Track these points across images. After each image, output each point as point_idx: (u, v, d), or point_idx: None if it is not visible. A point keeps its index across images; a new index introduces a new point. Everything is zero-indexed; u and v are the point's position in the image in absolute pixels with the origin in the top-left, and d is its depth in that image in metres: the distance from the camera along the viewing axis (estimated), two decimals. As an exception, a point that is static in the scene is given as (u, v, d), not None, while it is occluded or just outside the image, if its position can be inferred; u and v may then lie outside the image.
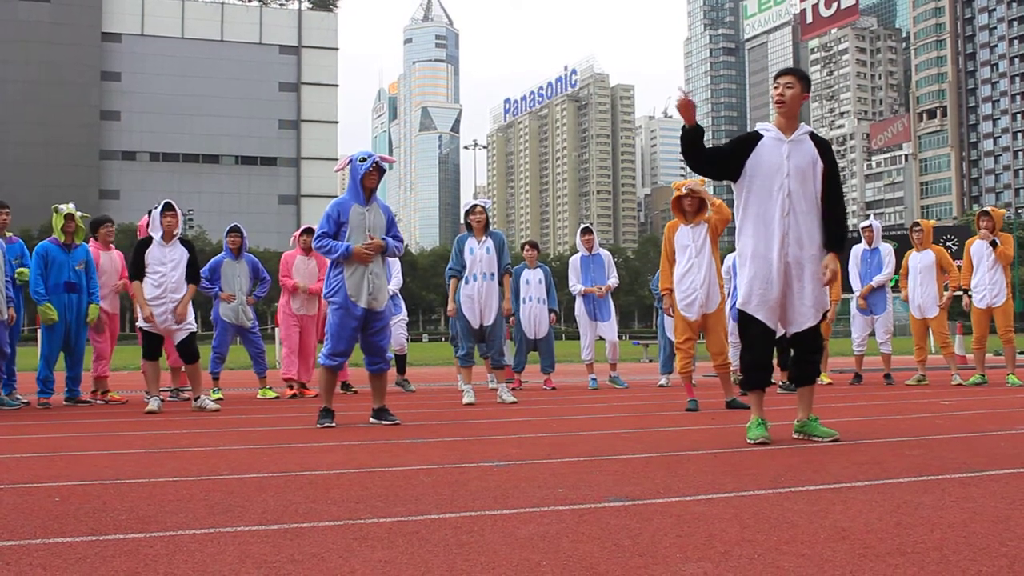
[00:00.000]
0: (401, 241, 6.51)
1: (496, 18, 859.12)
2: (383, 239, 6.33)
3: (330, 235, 6.26)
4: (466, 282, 8.14)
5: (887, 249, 10.46)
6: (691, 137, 4.84)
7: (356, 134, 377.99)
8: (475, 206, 8.27)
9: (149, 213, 7.86)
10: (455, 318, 8.25)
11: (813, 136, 4.98)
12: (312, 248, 9.63)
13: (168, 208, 7.74)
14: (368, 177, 6.27)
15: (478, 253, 8.14)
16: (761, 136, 4.94)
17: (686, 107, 4.79)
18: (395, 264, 10.01)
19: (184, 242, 7.84)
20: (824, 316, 4.98)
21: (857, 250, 10.59)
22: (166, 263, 7.66)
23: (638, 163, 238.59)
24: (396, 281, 9.92)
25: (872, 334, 10.62)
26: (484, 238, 8.20)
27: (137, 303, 7.68)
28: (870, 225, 10.55)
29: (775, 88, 4.97)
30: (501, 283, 8.27)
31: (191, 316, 7.83)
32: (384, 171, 6.37)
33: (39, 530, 2.90)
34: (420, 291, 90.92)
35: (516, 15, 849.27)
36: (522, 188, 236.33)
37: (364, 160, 6.26)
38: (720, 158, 4.99)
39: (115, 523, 3.00)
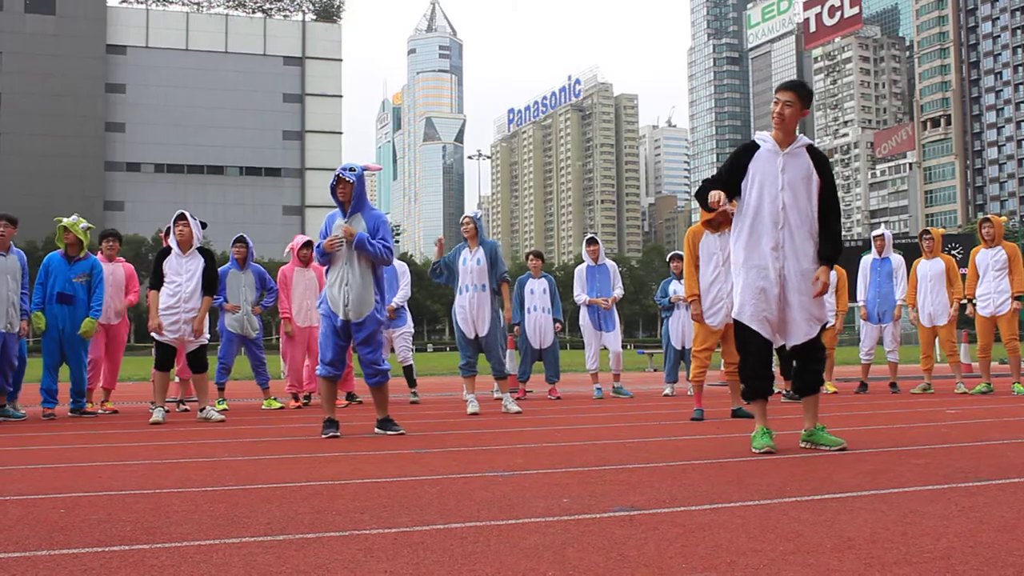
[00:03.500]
0: (388, 247, 6.29)
1: (500, 28, 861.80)
2: (359, 235, 6.15)
3: None
4: (459, 293, 8.23)
5: (898, 261, 10.47)
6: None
7: (360, 145, 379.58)
8: (463, 217, 8.43)
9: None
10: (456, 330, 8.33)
11: (811, 150, 4.96)
12: (311, 261, 9.76)
13: (180, 218, 7.75)
14: (337, 190, 6.26)
15: (469, 264, 8.19)
16: (758, 146, 4.96)
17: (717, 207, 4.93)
18: (404, 275, 9.96)
19: (203, 251, 7.84)
20: (823, 327, 4.97)
21: (867, 260, 10.58)
22: (182, 273, 7.68)
23: (642, 173, 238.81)
24: (403, 293, 9.90)
25: (880, 342, 10.59)
26: (476, 248, 8.24)
27: (149, 313, 7.69)
28: (882, 235, 10.54)
29: (775, 104, 4.95)
30: (497, 292, 8.26)
31: (205, 326, 7.86)
32: (352, 182, 6.22)
33: (44, 541, 2.90)
34: (424, 301, 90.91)
35: (520, 26, 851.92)
36: (526, 198, 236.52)
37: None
38: (723, 184, 5.01)
39: (120, 534, 3.00)
